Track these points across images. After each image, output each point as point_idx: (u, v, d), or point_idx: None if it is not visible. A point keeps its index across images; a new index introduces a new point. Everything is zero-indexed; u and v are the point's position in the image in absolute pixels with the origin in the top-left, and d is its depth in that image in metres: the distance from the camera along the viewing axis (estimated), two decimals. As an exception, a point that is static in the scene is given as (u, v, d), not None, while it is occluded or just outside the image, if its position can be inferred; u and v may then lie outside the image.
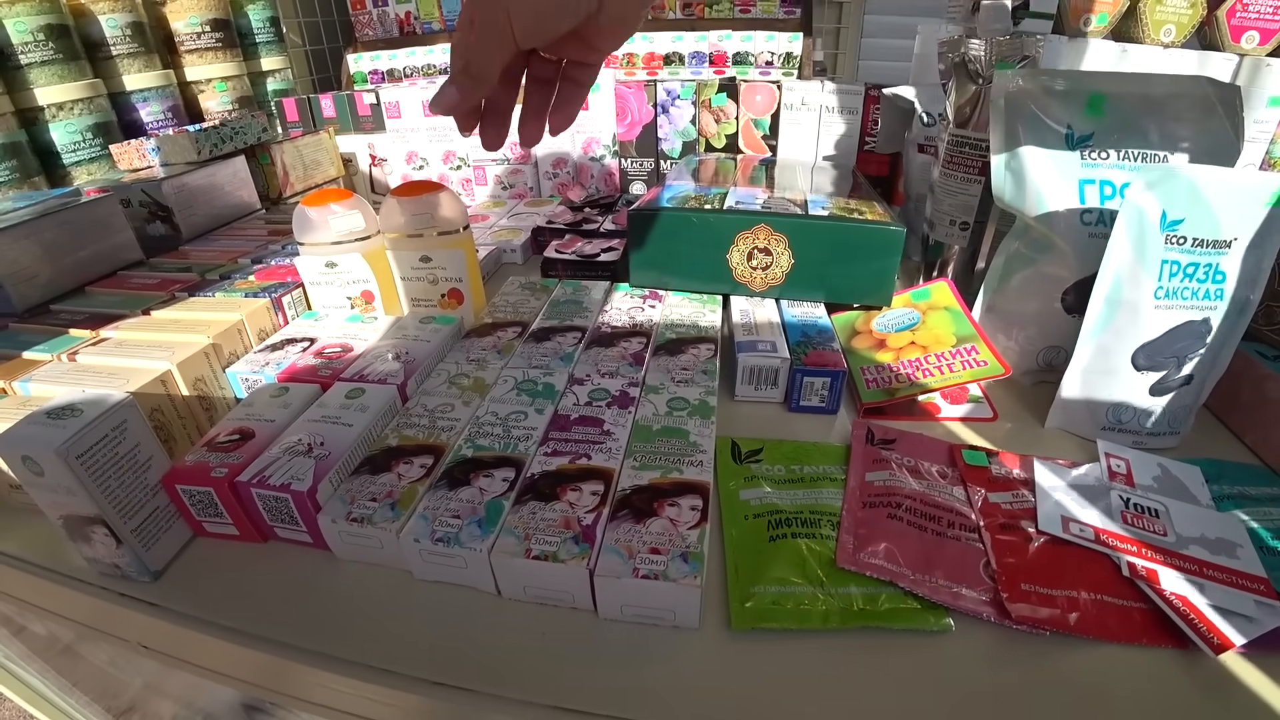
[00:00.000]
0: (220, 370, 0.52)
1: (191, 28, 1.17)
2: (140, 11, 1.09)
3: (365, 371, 0.48)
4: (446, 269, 0.56)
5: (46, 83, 0.96)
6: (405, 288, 0.58)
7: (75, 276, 0.68)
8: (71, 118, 0.99)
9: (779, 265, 0.60)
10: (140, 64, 1.09)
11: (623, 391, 0.47)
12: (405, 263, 0.57)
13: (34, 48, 0.94)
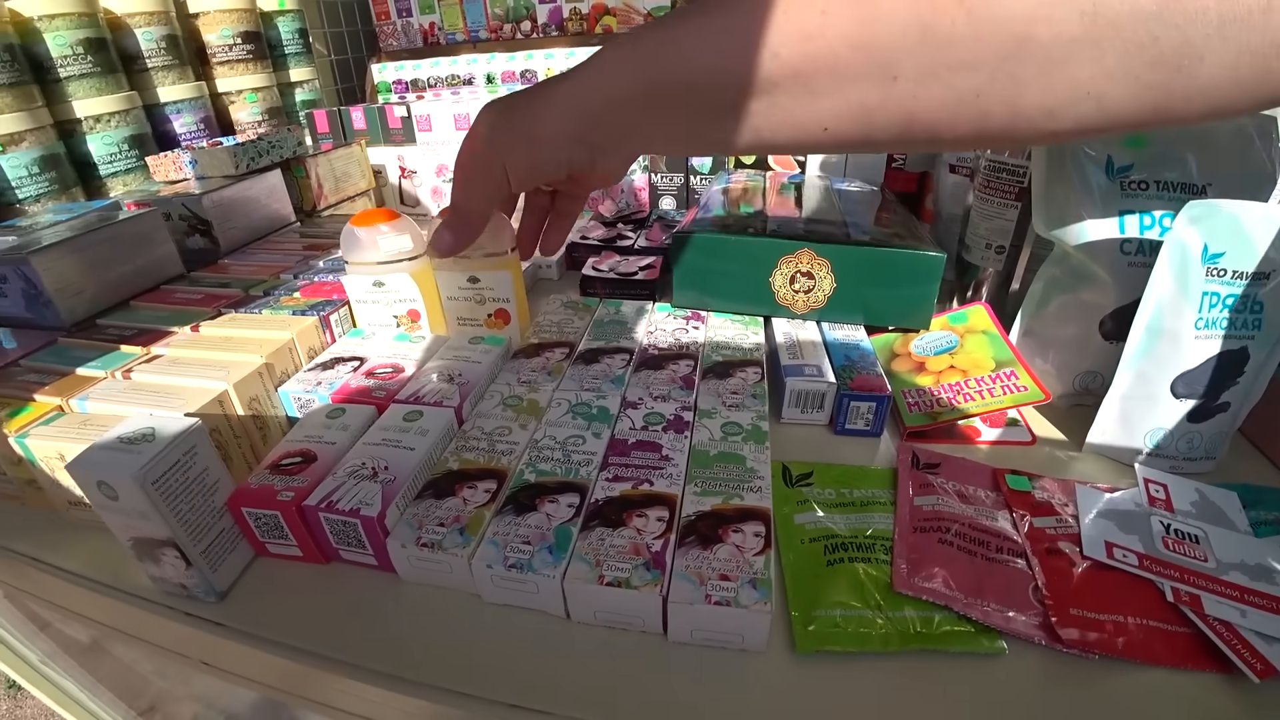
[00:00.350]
0: (273, 389, 0.53)
1: (223, 40, 1.18)
2: (175, 25, 1.10)
3: (420, 393, 0.49)
4: (494, 289, 0.57)
5: (85, 95, 0.97)
6: (451, 307, 0.59)
7: (120, 290, 0.70)
8: (109, 130, 1.00)
9: (821, 289, 0.60)
10: (174, 76, 1.10)
11: (677, 416, 0.48)
12: (452, 283, 0.57)
13: (73, 61, 0.95)
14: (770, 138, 0.36)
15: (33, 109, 0.90)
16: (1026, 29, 0.27)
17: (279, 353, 0.54)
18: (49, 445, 0.46)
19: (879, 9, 0.29)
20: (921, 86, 0.30)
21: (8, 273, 0.63)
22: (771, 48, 0.31)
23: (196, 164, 0.91)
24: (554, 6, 1.44)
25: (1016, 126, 0.30)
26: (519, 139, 0.40)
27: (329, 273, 0.70)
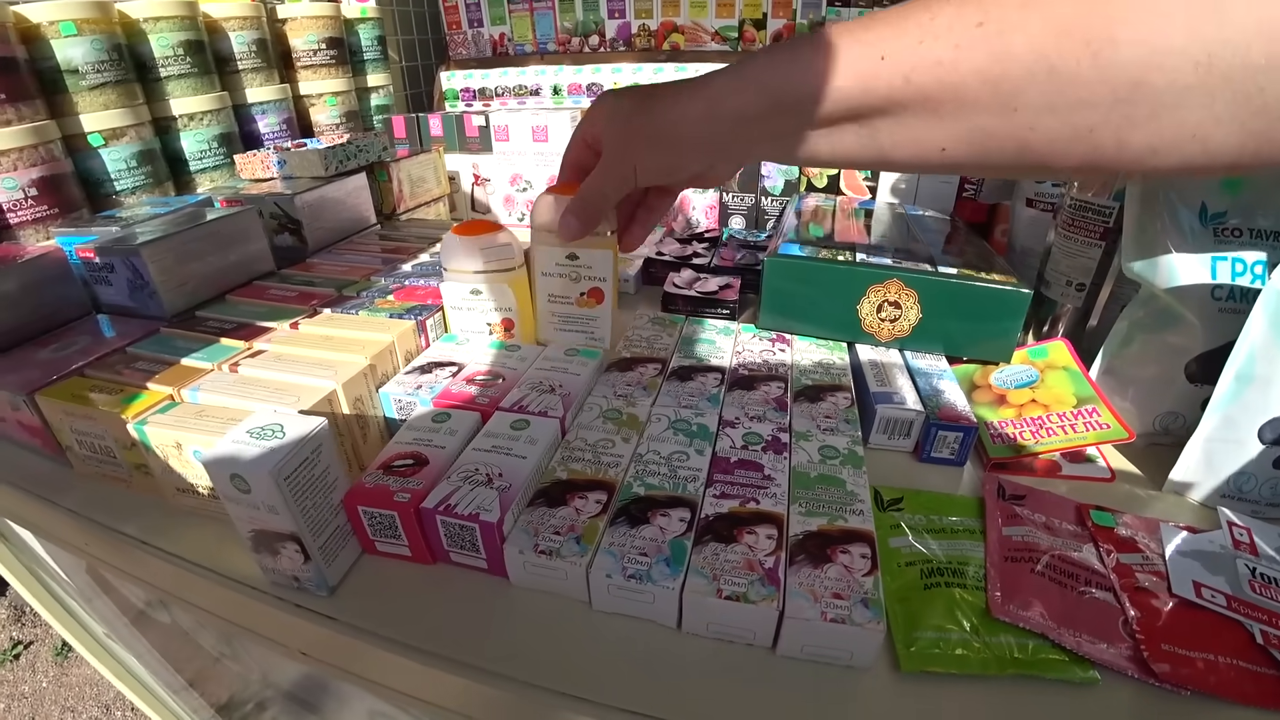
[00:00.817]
0: (374, 390, 0.54)
1: (308, 45, 1.22)
2: (265, 29, 1.14)
3: (524, 402, 0.50)
4: (592, 268, 0.57)
5: (182, 94, 1.01)
6: (545, 283, 0.58)
7: (216, 284, 0.72)
8: (201, 128, 1.03)
9: (906, 318, 0.60)
10: (261, 78, 1.14)
11: (774, 437, 0.48)
12: (550, 258, 0.58)
13: (173, 62, 0.99)
14: (890, 153, 0.38)
15: (134, 106, 0.94)
16: (1143, 74, 0.28)
17: (381, 354, 0.55)
18: (166, 433, 0.47)
19: (1011, 47, 0.31)
20: (1039, 119, 0.32)
21: (116, 262, 0.66)
22: (904, 72, 0.34)
23: (285, 164, 0.93)
24: (623, 22, 1.46)
25: (1122, 160, 0.32)
26: (655, 143, 0.43)
27: (418, 277, 0.72)
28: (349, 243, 0.88)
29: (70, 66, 0.87)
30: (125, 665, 1.12)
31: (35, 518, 0.56)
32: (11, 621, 1.77)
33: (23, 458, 0.59)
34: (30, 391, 0.53)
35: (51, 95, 0.87)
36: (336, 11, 1.23)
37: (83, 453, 0.54)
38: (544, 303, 0.60)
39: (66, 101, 0.88)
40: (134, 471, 0.53)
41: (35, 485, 0.55)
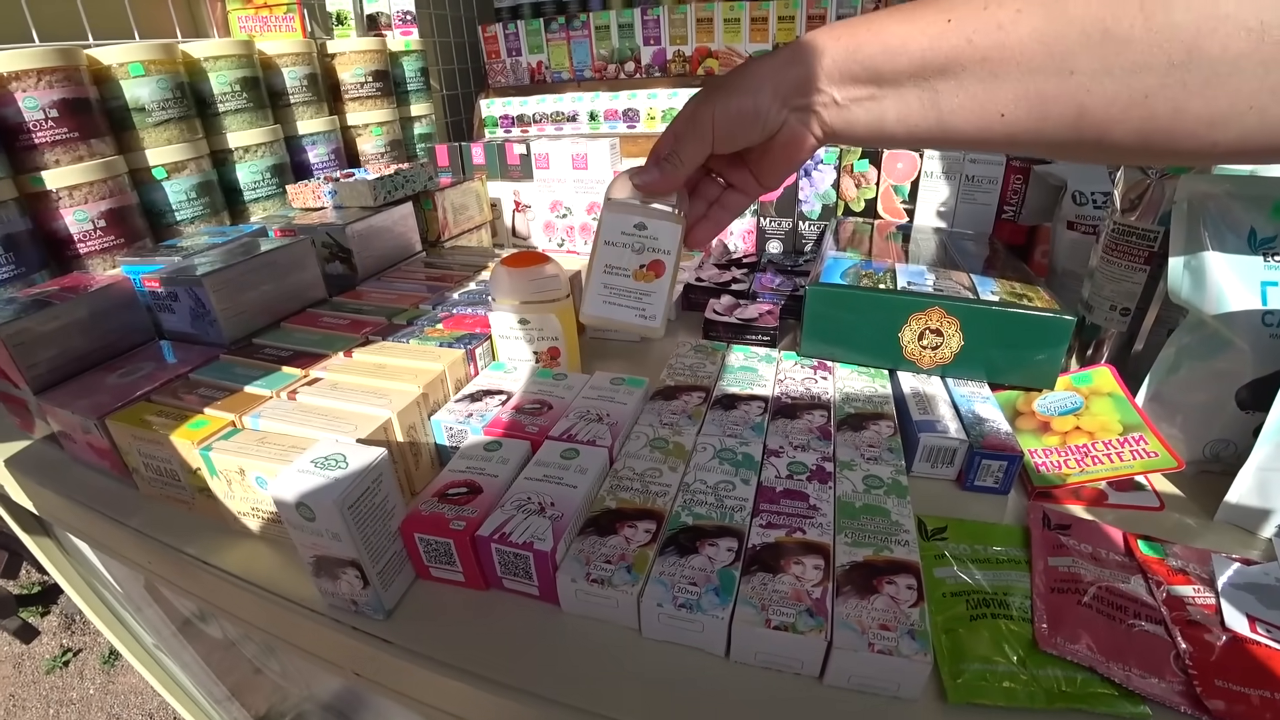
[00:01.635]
0: (426, 418, 0.56)
1: (356, 78, 1.26)
2: (315, 64, 1.18)
3: (572, 431, 0.51)
4: (658, 239, 0.53)
5: (238, 128, 1.05)
6: (605, 252, 0.53)
7: (272, 312, 0.74)
8: (255, 159, 1.07)
9: (948, 346, 0.60)
10: (312, 111, 1.18)
11: (819, 466, 0.49)
12: (617, 226, 0.54)
13: (230, 97, 1.03)
14: (950, 119, 0.38)
15: (195, 140, 0.98)
16: (1196, 39, 0.28)
17: (433, 383, 0.57)
18: (230, 459, 0.49)
19: (1067, 10, 0.32)
20: (1095, 82, 0.32)
21: (179, 291, 0.69)
22: (966, 34, 0.35)
23: (336, 194, 0.96)
24: (658, 49, 1.48)
25: (1179, 131, 0.32)
26: (730, 91, 0.43)
27: (466, 305, 0.73)
28: (396, 270, 0.91)
29: (138, 104, 0.92)
30: (170, 674, 1.15)
31: (103, 536, 0.59)
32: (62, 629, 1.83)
33: (92, 478, 0.61)
34: (101, 416, 0.55)
35: (120, 132, 0.92)
36: (382, 45, 1.28)
37: (148, 475, 0.56)
38: (599, 273, 0.56)
39: (133, 137, 0.93)
40: (197, 494, 0.54)
41: (103, 505, 0.58)
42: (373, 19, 1.35)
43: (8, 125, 0.80)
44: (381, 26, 1.36)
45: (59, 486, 0.61)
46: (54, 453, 0.66)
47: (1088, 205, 0.76)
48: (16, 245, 0.78)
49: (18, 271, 0.78)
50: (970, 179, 0.88)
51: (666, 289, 0.55)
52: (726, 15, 1.38)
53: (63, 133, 0.82)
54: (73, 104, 0.83)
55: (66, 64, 0.82)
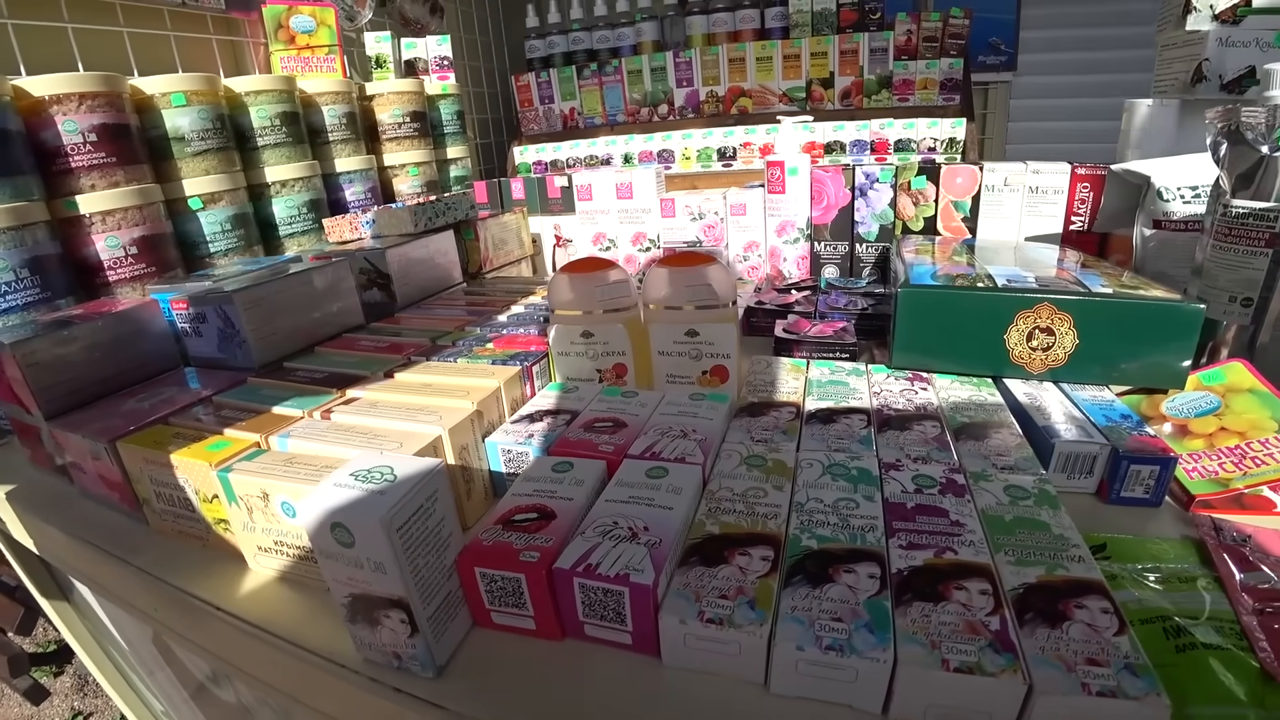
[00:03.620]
0: (480, 440, 0.47)
1: (394, 118, 1.22)
2: (355, 104, 1.14)
3: (656, 448, 0.42)
4: (714, 344, 0.50)
5: (276, 162, 1.00)
6: (663, 363, 0.52)
7: (306, 336, 0.67)
8: (292, 194, 1.02)
9: (1061, 346, 0.52)
10: (350, 149, 1.13)
11: (948, 478, 0.40)
12: (667, 336, 0.51)
13: (270, 132, 0.99)
14: None
15: (232, 172, 0.93)
16: None
17: (487, 401, 0.48)
18: (252, 481, 0.41)
19: None
20: None
21: (208, 312, 0.61)
22: None
23: (374, 223, 0.90)
24: (691, 90, 1.45)
25: None
26: None
27: (516, 325, 0.66)
28: (436, 299, 0.84)
29: (177, 134, 0.87)
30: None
31: (104, 576, 0.50)
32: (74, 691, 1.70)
33: (100, 514, 0.53)
34: (112, 439, 0.47)
35: (158, 161, 0.87)
36: (420, 87, 1.24)
37: (160, 506, 0.47)
38: (663, 384, 0.53)
39: (171, 167, 0.88)
40: (213, 527, 0.46)
41: (108, 541, 0.49)
42: (410, 64, 1.33)
43: (45, 148, 0.75)
44: (419, 71, 1.33)
45: (63, 522, 0.53)
46: (63, 487, 0.58)
47: (1175, 200, 0.69)
48: (43, 269, 0.72)
49: (43, 295, 0.72)
50: (1034, 190, 0.81)
51: (735, 390, 0.52)
52: (759, 54, 1.35)
53: (100, 157, 0.77)
54: (112, 129, 0.78)
55: (109, 90, 0.78)
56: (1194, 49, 0.78)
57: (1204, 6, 0.78)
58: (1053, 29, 1.67)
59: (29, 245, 0.71)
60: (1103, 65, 1.65)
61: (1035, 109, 1.74)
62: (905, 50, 1.27)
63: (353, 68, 1.28)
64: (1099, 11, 1.63)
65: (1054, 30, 1.67)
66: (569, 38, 1.56)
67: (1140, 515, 0.44)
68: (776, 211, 0.88)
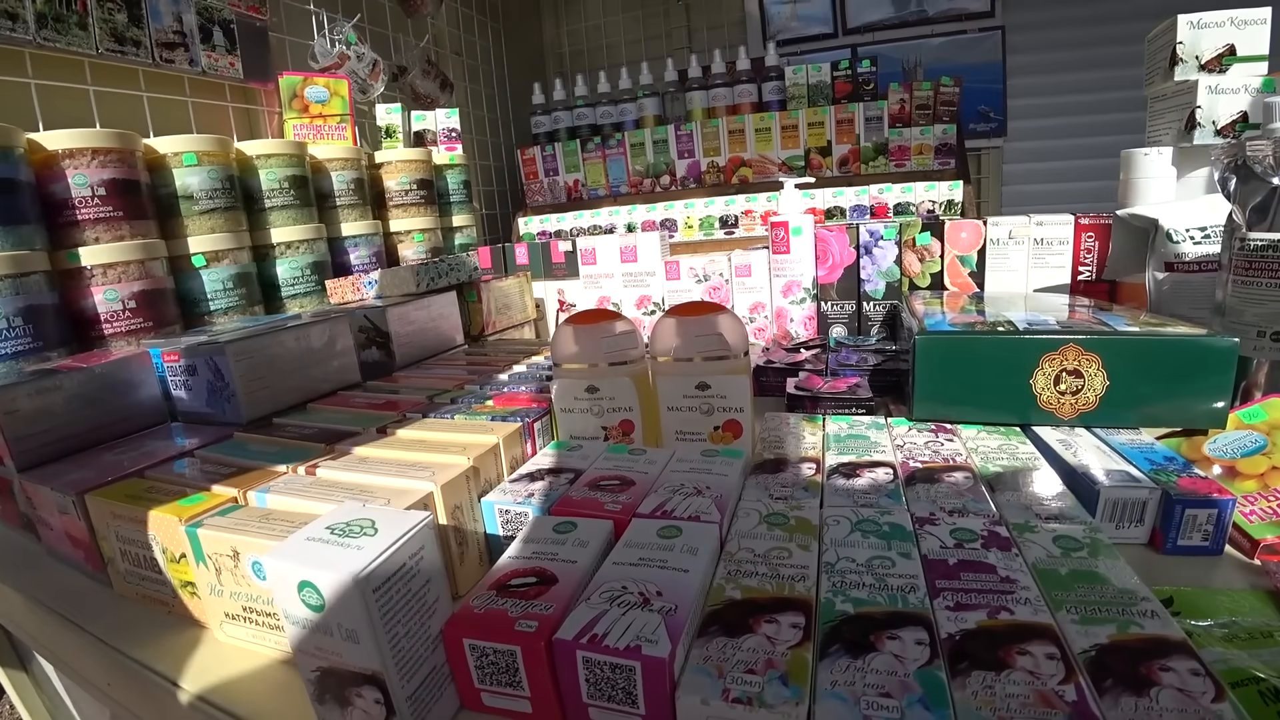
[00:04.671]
0: (475, 499, 0.43)
1: (401, 185, 1.22)
2: (363, 170, 1.15)
3: (667, 506, 0.38)
4: (726, 398, 0.47)
5: (282, 224, 0.99)
6: (672, 419, 0.49)
7: (299, 392, 0.63)
8: (296, 255, 1.01)
9: (1091, 388, 0.49)
10: (356, 214, 1.13)
11: (989, 531, 0.35)
12: (676, 391, 0.48)
13: (278, 194, 0.98)
14: None
15: (237, 231, 0.92)
16: None
17: (485, 457, 0.45)
18: (222, 538, 0.36)
19: None
20: None
21: (198, 363, 0.58)
22: None
23: (376, 284, 0.88)
24: (692, 161, 1.46)
25: None
26: None
27: (517, 384, 0.62)
28: (436, 359, 0.81)
29: (186, 192, 0.86)
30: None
31: (56, 643, 0.45)
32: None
33: (63, 575, 0.48)
34: (81, 492, 0.43)
35: (165, 218, 0.86)
36: (428, 156, 1.25)
37: (124, 566, 0.43)
38: (673, 440, 0.50)
39: (178, 224, 0.87)
40: (178, 591, 0.41)
41: (65, 604, 0.44)
42: (420, 135, 1.34)
43: (53, 201, 0.74)
44: (428, 142, 1.35)
45: (23, 583, 0.48)
46: (30, 545, 0.53)
47: (1185, 241, 0.68)
48: (38, 318, 0.69)
49: (34, 345, 0.69)
50: (1039, 242, 0.80)
51: (749, 446, 0.48)
52: (758, 126, 1.37)
53: (107, 211, 0.76)
54: (122, 185, 0.77)
55: (122, 146, 0.77)
56: (1185, 98, 0.79)
57: (1189, 58, 0.79)
58: (1038, 97, 1.72)
59: (25, 294, 0.68)
60: (1089, 128, 1.69)
61: (1027, 172, 1.77)
62: (899, 118, 1.30)
63: (363, 137, 1.29)
64: (1083, 79, 1.68)
65: (1040, 98, 1.72)
66: (573, 113, 1.59)
67: (1201, 565, 0.39)
68: (782, 272, 0.86)
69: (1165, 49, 0.82)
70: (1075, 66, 1.67)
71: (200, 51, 1.02)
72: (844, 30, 1.67)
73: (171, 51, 0.98)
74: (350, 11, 1.28)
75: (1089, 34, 1.65)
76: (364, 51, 1.21)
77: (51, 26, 0.81)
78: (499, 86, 1.81)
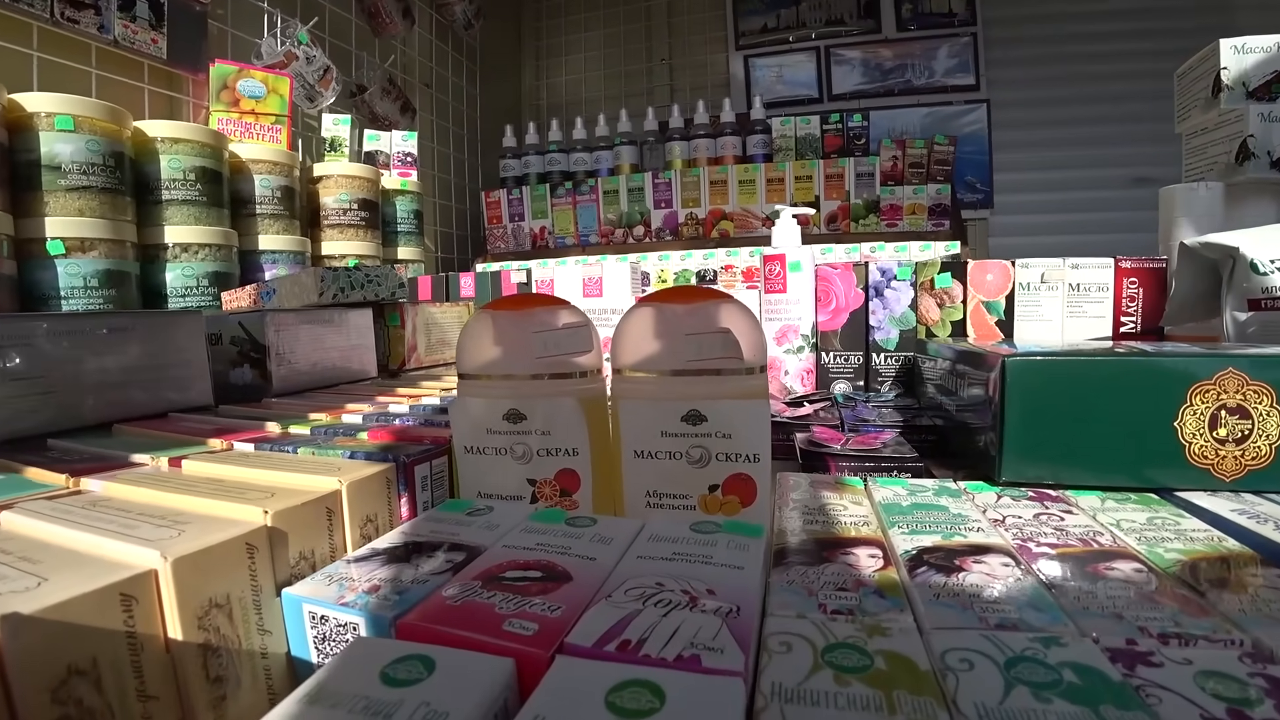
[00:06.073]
0: (270, 587, 0.22)
1: (340, 203, 1.04)
2: (295, 180, 0.96)
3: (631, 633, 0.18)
4: (732, 437, 0.27)
5: (180, 222, 0.79)
6: (641, 469, 0.29)
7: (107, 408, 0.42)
8: (194, 260, 0.80)
9: (1263, 433, 0.31)
10: (280, 226, 0.94)
11: (1263, 673, 0.16)
12: (651, 422, 0.28)
13: (179, 186, 0.79)
14: None
15: (117, 220, 0.71)
16: None
17: (301, 514, 0.24)
18: None
19: None
20: None
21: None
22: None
23: (274, 294, 0.68)
24: (669, 212, 1.32)
25: None
26: None
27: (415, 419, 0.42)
28: (332, 391, 0.60)
29: (53, 162, 0.66)
30: None
31: None
32: None
33: None
34: None
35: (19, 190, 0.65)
36: (375, 175, 1.08)
37: None
38: (640, 502, 0.30)
39: (34, 200, 0.66)
40: None
41: None
42: (371, 155, 1.17)
43: None
44: (379, 164, 1.17)
45: None
46: None
47: (1272, 273, 0.53)
48: None
49: None
50: (1075, 287, 0.65)
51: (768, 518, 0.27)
52: (741, 177, 1.24)
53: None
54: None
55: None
56: (1234, 128, 0.68)
57: (1236, 85, 0.68)
58: (1024, 171, 1.65)
59: None
60: (1080, 204, 1.62)
61: (1015, 246, 1.68)
62: (891, 175, 1.18)
63: (307, 151, 1.11)
64: (1069, 156, 1.62)
65: (1026, 173, 1.65)
66: (545, 158, 1.45)
67: None
68: (776, 315, 0.69)
69: (1206, 77, 0.71)
70: (1062, 143, 1.61)
71: (115, 19, 0.84)
72: (829, 96, 1.59)
73: (78, 11, 0.80)
74: (310, 17, 1.13)
75: (1075, 111, 1.59)
76: (315, 55, 1.05)
77: None
78: (469, 127, 1.67)
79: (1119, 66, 1.53)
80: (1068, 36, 1.57)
